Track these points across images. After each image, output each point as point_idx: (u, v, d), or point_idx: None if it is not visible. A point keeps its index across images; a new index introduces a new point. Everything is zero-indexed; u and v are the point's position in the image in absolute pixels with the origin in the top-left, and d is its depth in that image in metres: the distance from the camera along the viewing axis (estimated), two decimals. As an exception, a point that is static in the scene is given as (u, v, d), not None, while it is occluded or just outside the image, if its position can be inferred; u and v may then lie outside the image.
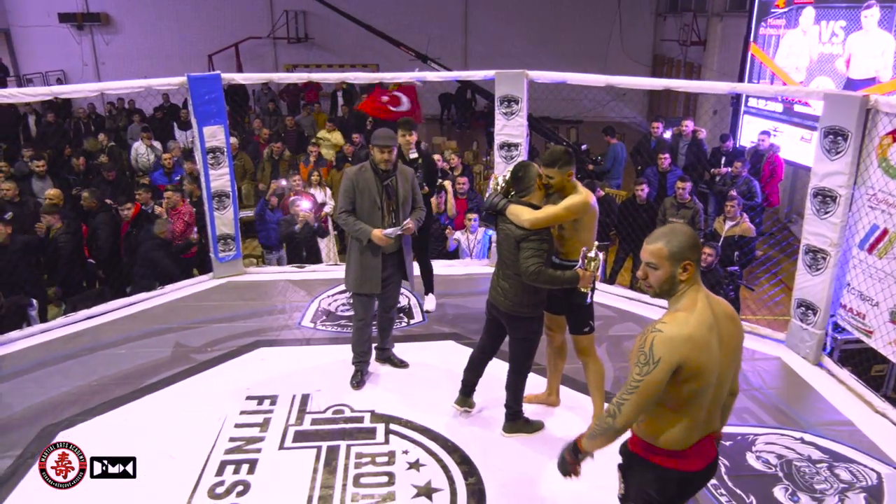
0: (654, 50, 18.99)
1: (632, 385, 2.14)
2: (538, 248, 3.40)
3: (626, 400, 2.15)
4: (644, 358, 2.11)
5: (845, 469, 3.62)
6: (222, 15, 19.41)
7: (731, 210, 6.67)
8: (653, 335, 2.12)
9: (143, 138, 10.47)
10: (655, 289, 2.23)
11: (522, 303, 3.58)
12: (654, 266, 2.20)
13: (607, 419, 2.22)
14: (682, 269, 2.18)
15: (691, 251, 2.18)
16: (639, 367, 2.12)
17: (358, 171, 4.21)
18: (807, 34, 8.33)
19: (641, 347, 2.13)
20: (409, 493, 3.43)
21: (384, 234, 4.11)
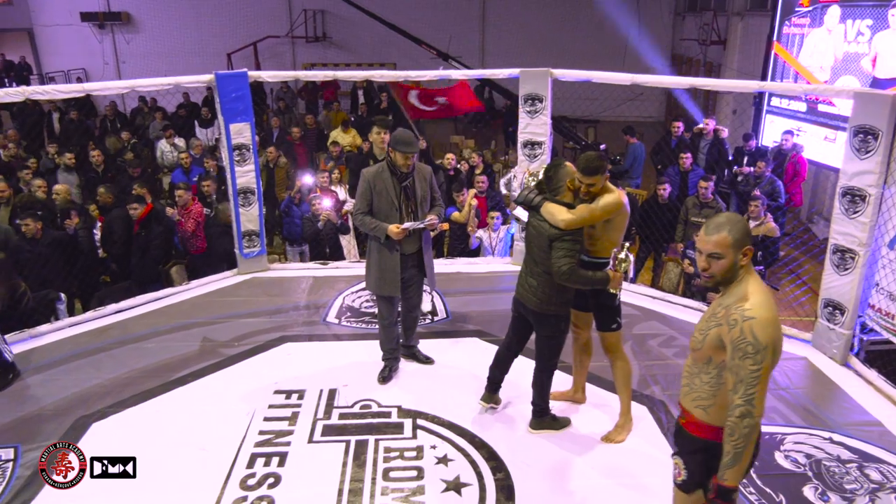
0: (672, 49, 18.89)
1: (753, 376, 2.16)
2: (571, 248, 3.43)
3: (754, 392, 2.16)
4: (752, 348, 2.15)
5: (875, 469, 3.61)
6: (241, 14, 19.54)
7: (754, 210, 6.62)
8: (748, 323, 2.17)
9: (166, 136, 10.58)
10: (717, 278, 2.29)
11: (550, 300, 3.59)
12: (719, 255, 2.26)
13: (745, 421, 2.18)
14: (743, 254, 2.26)
15: (748, 237, 2.28)
16: (751, 358, 2.15)
17: (375, 173, 4.21)
18: (832, 33, 8.26)
19: (742, 338, 2.17)
20: (438, 487, 3.46)
21: (402, 227, 4.13)
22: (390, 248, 4.23)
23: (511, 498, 3.39)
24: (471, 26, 19.38)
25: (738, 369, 2.18)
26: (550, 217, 3.46)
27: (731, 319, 2.22)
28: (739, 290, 2.27)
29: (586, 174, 3.40)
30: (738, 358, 2.17)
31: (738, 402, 2.18)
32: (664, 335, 5.13)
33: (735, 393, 2.19)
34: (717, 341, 2.28)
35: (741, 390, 2.17)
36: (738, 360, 2.17)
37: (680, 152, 7.83)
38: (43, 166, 8.98)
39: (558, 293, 3.58)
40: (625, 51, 18.33)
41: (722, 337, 2.25)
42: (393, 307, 4.47)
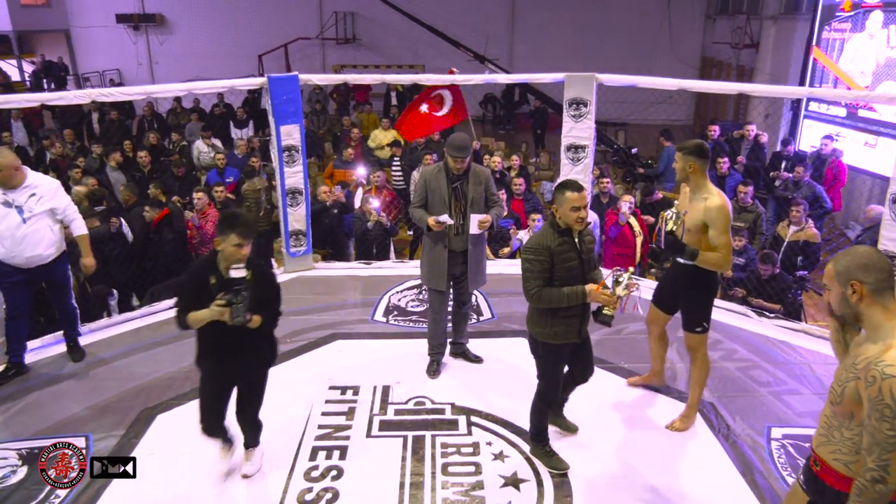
0: (702, 52, 18.81)
1: (890, 441, 2.01)
2: (531, 268, 3.28)
3: (889, 459, 2.02)
4: (890, 411, 1.99)
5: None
6: (273, 16, 19.81)
7: (796, 215, 6.64)
8: (888, 382, 2.00)
9: (203, 137, 10.77)
10: (837, 311, 2.21)
11: (534, 322, 3.46)
12: (826, 286, 2.20)
13: (876, 486, 2.04)
14: (852, 289, 2.12)
15: (859, 270, 2.11)
16: (888, 422, 2.00)
17: (433, 172, 4.40)
18: (874, 38, 8.24)
19: (880, 398, 2.01)
20: (496, 482, 3.56)
21: (436, 220, 4.28)
22: (440, 243, 4.38)
23: (569, 494, 3.47)
24: (500, 28, 19.44)
25: (875, 431, 2.03)
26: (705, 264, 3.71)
27: (869, 376, 2.05)
28: (882, 338, 2.08)
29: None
30: (876, 419, 2.03)
31: (871, 466, 2.05)
32: (710, 339, 5.16)
33: (869, 455, 2.06)
34: (855, 395, 2.12)
35: (875, 453, 2.04)
36: (875, 422, 2.03)
37: (717, 156, 7.85)
38: (89, 166, 9.23)
39: (540, 318, 3.39)
40: (655, 53, 18.29)
41: (860, 391, 2.09)
42: (443, 301, 4.60)
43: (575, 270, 3.30)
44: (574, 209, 3.22)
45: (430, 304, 4.66)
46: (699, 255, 3.67)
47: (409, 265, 6.66)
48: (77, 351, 4.92)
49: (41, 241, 4.47)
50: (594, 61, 16.72)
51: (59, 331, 5.02)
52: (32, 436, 3.96)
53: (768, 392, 4.40)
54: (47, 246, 4.51)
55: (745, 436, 3.95)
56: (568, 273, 3.28)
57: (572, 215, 3.23)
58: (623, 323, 5.32)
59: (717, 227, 3.65)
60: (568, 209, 3.23)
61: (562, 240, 3.28)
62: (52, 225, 4.55)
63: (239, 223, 3.06)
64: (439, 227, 4.31)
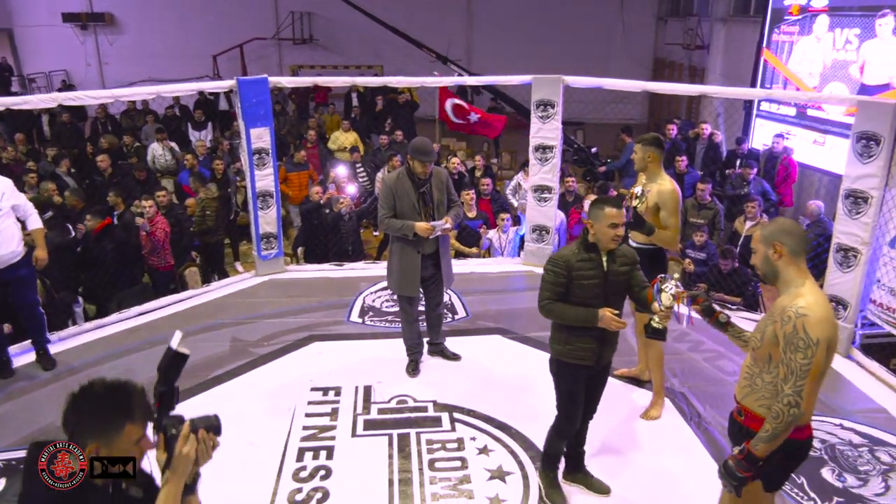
0: (655, 53, 19.29)
1: (803, 370, 2.31)
2: (546, 281, 3.18)
3: (803, 385, 2.31)
4: (803, 343, 2.31)
5: (885, 452, 3.88)
6: (227, 15, 19.48)
7: (751, 210, 6.93)
8: (801, 320, 2.32)
9: (159, 139, 10.57)
10: (759, 270, 2.53)
11: (553, 338, 3.32)
12: (753, 249, 2.53)
13: (791, 410, 2.33)
14: (774, 249, 2.44)
15: (780, 234, 2.45)
16: (802, 353, 2.31)
17: (396, 179, 4.41)
18: (821, 41, 8.63)
19: (794, 334, 2.32)
20: (483, 476, 3.65)
21: (431, 224, 4.32)
22: (413, 249, 4.40)
23: (555, 486, 3.58)
24: (457, 28, 19.55)
25: (790, 362, 2.34)
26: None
27: (785, 316, 2.36)
28: (795, 290, 2.42)
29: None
30: (790, 351, 2.33)
31: (788, 391, 2.34)
32: (676, 330, 5.35)
33: (786, 384, 2.35)
34: (773, 338, 2.42)
35: (791, 381, 2.33)
36: (791, 354, 2.33)
37: (675, 154, 8.12)
38: (42, 169, 8.99)
39: (557, 333, 3.27)
40: (609, 54, 18.68)
41: (776, 333, 2.39)
42: (414, 305, 4.67)
43: (596, 290, 3.12)
44: (612, 226, 3.06)
45: (403, 310, 4.69)
46: (655, 232, 3.95)
47: (380, 266, 6.68)
48: (48, 360, 4.83)
49: (12, 238, 4.47)
50: (551, 62, 16.97)
51: (27, 340, 4.92)
52: (8, 447, 3.89)
53: (734, 381, 4.56)
54: (18, 242, 4.52)
55: (716, 423, 4.14)
56: (586, 292, 3.11)
57: (610, 232, 3.07)
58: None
59: (668, 209, 3.99)
60: (606, 225, 3.06)
61: (586, 256, 3.12)
62: (16, 222, 4.55)
63: (134, 405, 1.87)
64: (431, 231, 4.33)
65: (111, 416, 1.81)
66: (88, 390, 1.81)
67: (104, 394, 1.83)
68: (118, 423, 1.80)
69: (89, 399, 1.82)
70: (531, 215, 6.53)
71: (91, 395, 1.82)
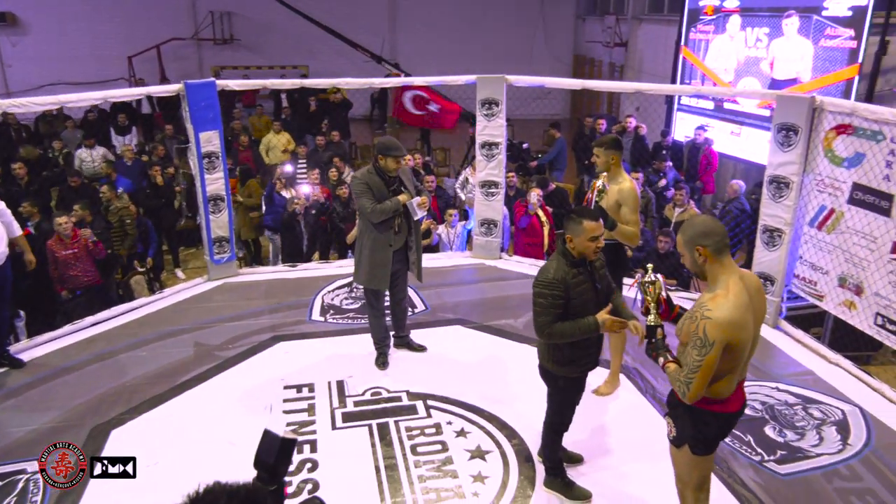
0: (575, 50, 19.99)
1: (695, 365, 2.54)
2: (545, 304, 3.14)
3: (693, 378, 2.55)
4: (700, 342, 2.52)
5: (816, 409, 4.34)
6: (141, 15, 18.82)
7: (679, 198, 7.44)
8: (703, 322, 2.51)
9: (87, 145, 10.21)
10: (692, 270, 2.71)
11: (546, 356, 3.36)
12: (681, 254, 2.72)
13: (681, 390, 2.61)
14: (697, 252, 2.58)
15: (701, 237, 2.58)
16: (697, 350, 2.52)
17: (367, 175, 4.53)
18: (734, 39, 9.30)
19: (696, 332, 2.53)
20: (464, 456, 3.86)
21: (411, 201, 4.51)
22: (384, 243, 4.54)
23: (530, 459, 3.84)
24: (382, 28, 19.62)
25: (687, 356, 2.58)
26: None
27: (694, 316, 2.56)
28: (714, 290, 2.58)
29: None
30: (690, 347, 2.56)
31: (681, 378, 2.60)
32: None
33: (681, 372, 2.61)
34: (687, 331, 2.63)
35: (685, 372, 2.58)
36: (690, 349, 2.56)
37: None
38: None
39: (552, 351, 3.31)
40: (532, 52, 19.24)
41: (689, 329, 2.60)
42: (381, 299, 4.82)
43: (590, 300, 3.20)
44: (592, 239, 3.12)
45: (370, 304, 4.80)
46: (617, 227, 4.17)
47: (333, 265, 6.79)
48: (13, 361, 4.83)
49: (2, 239, 4.63)
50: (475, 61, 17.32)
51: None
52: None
53: (681, 354, 5.00)
54: (3, 243, 4.62)
55: (668, 393, 4.50)
56: (583, 304, 3.17)
57: (591, 245, 3.13)
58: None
59: (630, 205, 4.24)
60: (587, 239, 3.12)
61: (576, 271, 3.17)
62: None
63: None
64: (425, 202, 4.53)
65: None
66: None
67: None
68: None
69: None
70: (479, 210, 6.78)
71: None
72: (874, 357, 6.41)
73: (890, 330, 4.51)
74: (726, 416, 2.82)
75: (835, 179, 4.85)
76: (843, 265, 4.83)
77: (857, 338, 5.46)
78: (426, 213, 4.71)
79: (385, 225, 4.48)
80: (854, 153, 4.67)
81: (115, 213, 7.32)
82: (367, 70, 13.09)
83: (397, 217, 4.52)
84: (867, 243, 4.60)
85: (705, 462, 2.90)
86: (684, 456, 2.85)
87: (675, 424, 2.87)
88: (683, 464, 2.88)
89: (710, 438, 2.86)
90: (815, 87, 7.89)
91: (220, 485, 1.44)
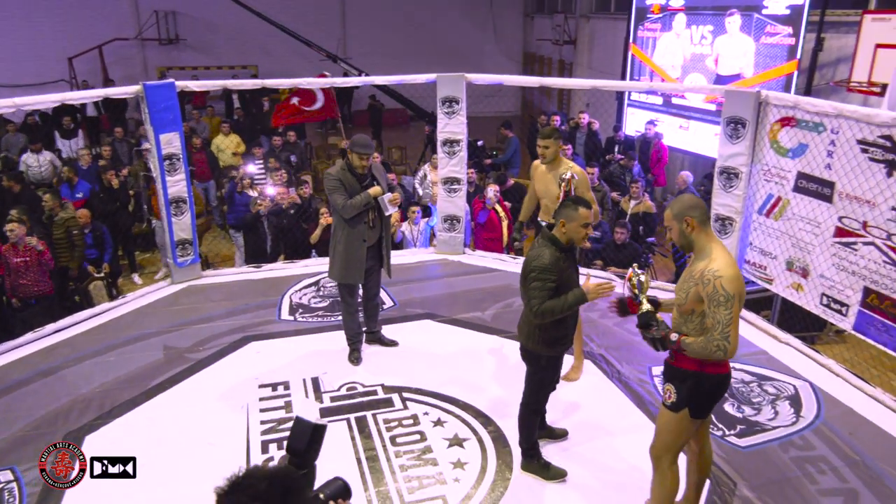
0: (525, 48, 20.30)
1: (727, 319, 2.75)
2: (542, 286, 3.30)
3: (729, 332, 2.75)
4: (723, 298, 2.75)
5: (770, 385, 4.61)
6: (81, 15, 18.26)
7: (635, 190, 7.71)
8: (717, 280, 2.76)
9: (33, 150, 9.91)
10: (677, 243, 2.96)
11: (532, 337, 3.50)
12: (668, 227, 2.95)
13: (717, 353, 2.77)
14: (686, 223, 2.87)
15: (690, 209, 2.88)
16: (723, 307, 2.75)
17: (340, 172, 4.60)
18: (680, 37, 9.66)
19: (716, 292, 2.75)
20: (442, 444, 3.97)
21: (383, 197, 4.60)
22: (358, 239, 4.62)
23: (507, 444, 3.97)
24: (332, 28, 19.52)
25: (715, 314, 2.77)
26: None
27: (704, 279, 2.79)
28: (708, 256, 2.84)
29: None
30: (714, 307, 2.77)
31: (717, 337, 2.77)
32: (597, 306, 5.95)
33: (714, 331, 2.78)
34: (696, 297, 2.84)
35: (719, 329, 2.77)
36: (714, 308, 2.77)
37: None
38: None
39: (540, 331, 3.46)
40: (483, 50, 19.46)
41: (699, 293, 2.82)
42: (354, 295, 4.89)
43: (574, 283, 3.43)
44: (585, 225, 3.31)
45: (344, 300, 4.88)
46: None
47: (298, 265, 6.79)
48: None
49: None
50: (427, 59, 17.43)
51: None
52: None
53: (642, 340, 5.21)
54: None
55: (633, 376, 4.71)
56: (569, 285, 3.39)
57: (583, 231, 3.33)
58: (513, 297, 5.94)
59: (585, 185, 4.55)
60: (579, 225, 3.30)
61: (563, 256, 3.37)
62: None
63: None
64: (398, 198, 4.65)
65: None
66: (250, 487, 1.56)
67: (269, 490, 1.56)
68: None
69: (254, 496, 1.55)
70: (442, 206, 6.89)
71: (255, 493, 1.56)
72: (819, 337, 6.79)
73: (834, 309, 4.81)
74: (725, 377, 3.04)
75: (780, 169, 5.13)
76: (790, 250, 5.12)
77: (802, 319, 5.80)
78: (397, 208, 4.80)
79: (358, 220, 4.55)
80: (798, 144, 4.96)
81: (61, 224, 6.99)
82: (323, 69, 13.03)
83: (371, 212, 4.60)
84: (812, 228, 4.90)
85: (693, 427, 3.08)
86: (678, 422, 3.02)
87: (676, 390, 3.03)
88: (673, 430, 3.05)
89: (711, 401, 3.08)
90: (757, 82, 8.28)
91: (258, 468, 1.52)
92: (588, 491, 3.65)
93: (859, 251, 4.52)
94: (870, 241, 4.44)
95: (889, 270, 4.32)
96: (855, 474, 3.74)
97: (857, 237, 4.53)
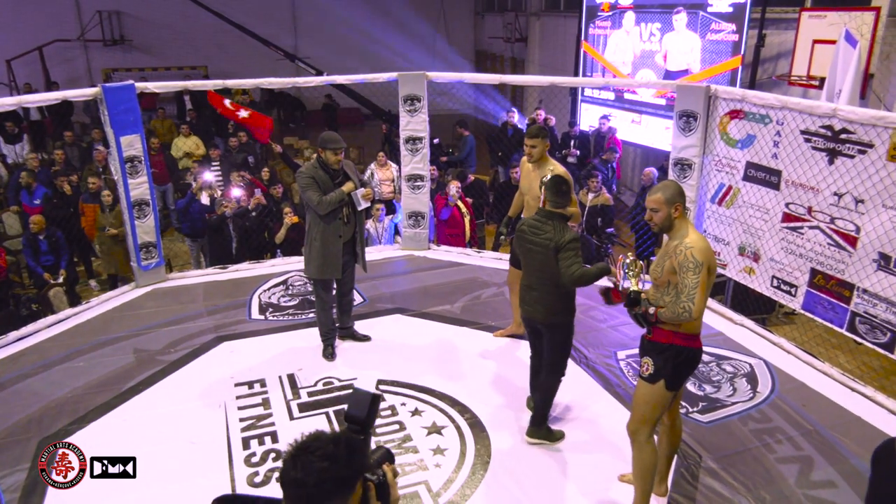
0: (476, 46, 20.50)
1: (693, 283, 2.97)
2: (577, 254, 3.71)
3: (694, 294, 2.97)
4: (692, 265, 2.99)
5: (728, 364, 4.87)
6: (17, 16, 17.66)
7: (593, 184, 7.95)
8: (688, 250, 3.00)
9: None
10: (658, 225, 3.15)
11: (556, 310, 3.82)
12: (656, 209, 3.12)
13: (683, 314, 2.98)
14: (675, 209, 3.10)
15: (679, 196, 3.12)
16: (692, 273, 2.98)
17: (312, 169, 4.67)
18: (629, 34, 9.97)
19: (686, 260, 2.99)
20: (422, 433, 4.08)
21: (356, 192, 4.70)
22: (334, 235, 4.70)
23: (484, 430, 4.11)
24: (283, 27, 19.33)
25: (684, 279, 3.00)
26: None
27: (678, 251, 3.04)
28: (681, 233, 3.10)
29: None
30: (683, 273, 3.01)
31: (683, 300, 3.00)
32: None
33: (681, 295, 3.01)
34: (671, 269, 3.07)
35: (685, 293, 3.00)
36: (684, 274, 3.01)
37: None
38: None
39: (563, 302, 3.82)
40: (435, 48, 19.56)
41: (673, 265, 3.06)
42: (329, 291, 4.95)
43: None
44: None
45: (318, 297, 4.94)
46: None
47: (265, 265, 6.80)
48: None
49: None
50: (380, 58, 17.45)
51: None
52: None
53: (607, 326, 5.44)
54: None
55: (600, 361, 4.91)
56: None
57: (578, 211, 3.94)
58: (480, 289, 6.09)
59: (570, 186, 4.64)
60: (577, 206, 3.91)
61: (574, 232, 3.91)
62: None
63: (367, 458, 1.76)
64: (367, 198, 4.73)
65: (352, 476, 1.60)
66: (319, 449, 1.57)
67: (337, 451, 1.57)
68: (355, 483, 1.61)
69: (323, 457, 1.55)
70: (407, 203, 6.98)
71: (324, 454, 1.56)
72: (768, 319, 7.15)
73: (784, 290, 5.11)
74: (697, 352, 3.24)
75: (731, 159, 5.41)
76: (742, 236, 5.41)
77: (752, 302, 6.12)
78: (369, 203, 4.88)
79: (333, 216, 4.62)
80: (746, 135, 5.24)
81: None
82: (276, 69, 12.94)
83: (345, 208, 4.67)
84: (761, 215, 5.18)
85: (667, 400, 3.25)
86: (653, 394, 3.20)
87: (653, 362, 3.21)
88: (650, 401, 3.22)
89: (685, 373, 3.27)
90: (704, 77, 8.63)
91: (322, 432, 1.62)
92: (566, 469, 3.82)
93: (805, 235, 4.82)
94: (815, 226, 4.74)
95: (833, 252, 4.62)
96: (809, 443, 4.01)
97: (803, 222, 4.82)
